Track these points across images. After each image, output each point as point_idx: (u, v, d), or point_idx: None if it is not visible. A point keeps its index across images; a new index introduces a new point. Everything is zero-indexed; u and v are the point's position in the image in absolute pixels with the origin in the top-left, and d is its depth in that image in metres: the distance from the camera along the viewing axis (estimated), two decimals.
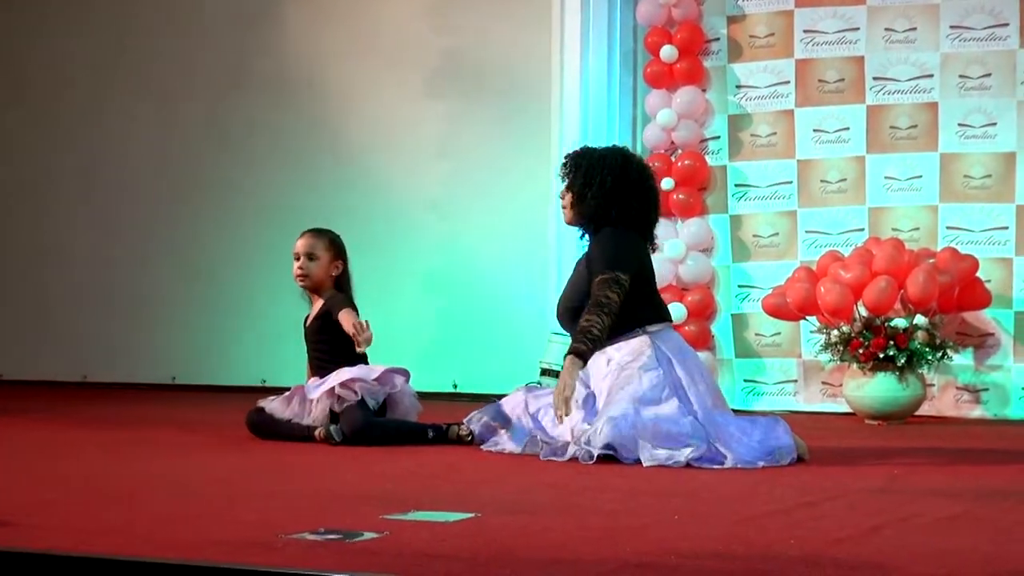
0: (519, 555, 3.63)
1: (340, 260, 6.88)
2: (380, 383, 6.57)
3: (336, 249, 6.89)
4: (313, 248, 6.84)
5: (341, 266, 6.88)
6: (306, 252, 6.84)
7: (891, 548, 3.79)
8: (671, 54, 8.70)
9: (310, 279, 6.83)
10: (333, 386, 6.51)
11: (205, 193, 10.22)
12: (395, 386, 6.61)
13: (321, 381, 6.60)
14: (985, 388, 8.18)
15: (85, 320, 10.50)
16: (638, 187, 6.14)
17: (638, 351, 5.94)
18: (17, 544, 3.68)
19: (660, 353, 5.94)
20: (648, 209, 6.19)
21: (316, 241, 6.87)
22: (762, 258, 8.68)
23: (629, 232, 6.11)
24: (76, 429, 7.36)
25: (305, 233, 6.92)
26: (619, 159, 6.18)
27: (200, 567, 3.46)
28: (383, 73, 9.81)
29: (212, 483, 5.15)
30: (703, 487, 5.05)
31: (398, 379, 6.64)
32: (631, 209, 6.10)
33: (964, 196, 8.29)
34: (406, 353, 7.33)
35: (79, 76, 10.59)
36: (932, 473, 5.61)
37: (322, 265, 6.83)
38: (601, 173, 6.10)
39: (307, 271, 6.82)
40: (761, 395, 8.62)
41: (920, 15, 8.38)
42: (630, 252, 6.05)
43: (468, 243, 9.50)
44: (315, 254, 6.83)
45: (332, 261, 6.86)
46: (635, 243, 6.11)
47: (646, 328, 6.00)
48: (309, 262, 6.82)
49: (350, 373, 6.56)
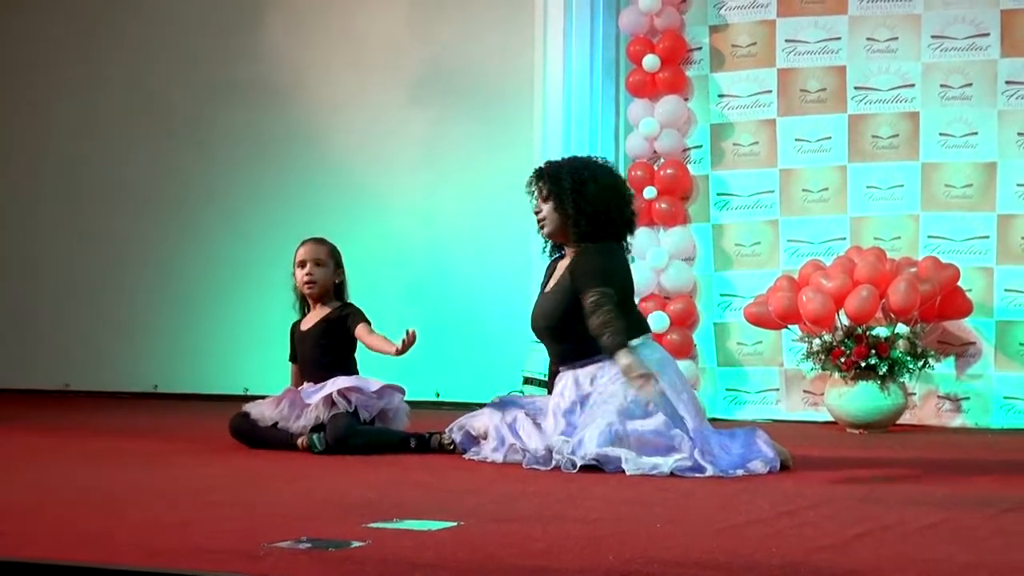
0: (502, 563, 3.63)
1: (341, 269, 6.93)
2: (378, 396, 6.57)
3: (338, 258, 6.94)
4: (319, 255, 6.87)
5: (342, 275, 6.92)
6: (314, 259, 6.85)
7: (872, 556, 3.80)
8: (653, 63, 8.71)
9: (318, 285, 6.84)
10: (331, 393, 6.50)
11: (187, 201, 10.22)
12: (391, 403, 6.62)
13: (319, 386, 6.60)
14: (966, 397, 8.20)
15: (67, 329, 10.48)
16: (619, 192, 6.18)
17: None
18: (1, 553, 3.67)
19: None
20: (631, 215, 6.21)
21: (321, 248, 6.90)
22: (744, 267, 8.70)
23: (619, 249, 6.15)
24: (58, 437, 7.35)
25: (308, 241, 6.93)
26: (593, 165, 6.20)
27: (183, 575, 3.46)
28: (366, 81, 9.82)
29: (194, 492, 5.14)
30: (685, 496, 5.05)
31: (396, 397, 6.65)
32: (614, 214, 6.11)
33: (945, 205, 8.31)
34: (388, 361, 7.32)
35: (61, 85, 10.57)
36: (913, 482, 5.62)
37: (328, 272, 6.86)
38: (582, 178, 6.09)
39: (316, 277, 6.83)
40: (743, 404, 8.63)
41: (902, 25, 8.41)
42: (617, 272, 6.06)
43: (451, 251, 9.51)
44: (323, 261, 6.86)
45: (335, 269, 6.90)
46: (622, 263, 6.14)
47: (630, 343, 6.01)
48: (317, 268, 6.84)
49: (348, 382, 6.56)
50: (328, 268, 6.86)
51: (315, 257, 6.86)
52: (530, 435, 6.00)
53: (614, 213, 6.12)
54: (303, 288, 6.88)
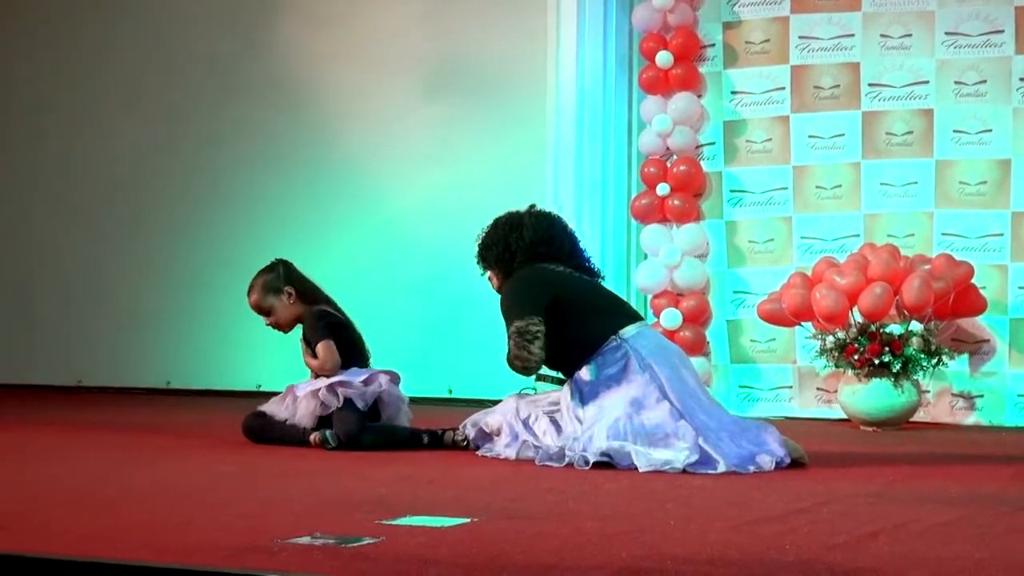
0: (515, 560, 3.63)
1: (288, 286, 6.80)
2: (366, 384, 6.56)
3: (274, 285, 6.81)
4: (260, 303, 6.81)
5: (293, 291, 6.80)
6: (258, 310, 6.83)
7: (886, 554, 3.79)
8: (667, 60, 8.69)
9: (285, 324, 6.84)
10: (319, 388, 6.51)
11: (199, 197, 10.21)
12: (380, 385, 6.59)
13: (310, 381, 6.62)
14: (980, 395, 8.18)
15: (79, 325, 10.48)
16: (530, 228, 6.32)
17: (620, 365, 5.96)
18: (12, 548, 3.68)
19: (639, 359, 5.95)
20: (545, 238, 6.31)
21: (257, 295, 6.82)
22: (757, 264, 8.68)
23: (528, 271, 6.23)
24: (70, 434, 7.35)
25: (247, 292, 6.86)
26: (509, 220, 6.40)
27: (196, 571, 3.46)
28: (378, 78, 9.80)
29: (207, 488, 5.15)
30: (698, 492, 5.05)
31: (383, 378, 6.62)
32: (523, 248, 6.26)
33: (959, 202, 8.29)
34: (401, 358, 7.31)
35: (72, 79, 10.56)
36: (927, 479, 5.62)
37: (280, 307, 6.78)
38: (491, 239, 6.40)
39: (275, 323, 6.84)
40: (756, 401, 8.61)
41: (915, 22, 8.39)
42: (527, 295, 6.11)
43: (463, 248, 9.43)
44: (265, 306, 6.80)
45: (280, 295, 6.79)
46: (534, 283, 6.17)
47: (620, 335, 6.02)
48: (269, 317, 6.83)
49: (337, 377, 6.56)
50: (276, 305, 6.78)
51: (258, 308, 6.82)
52: (544, 431, 6.01)
53: (531, 249, 6.26)
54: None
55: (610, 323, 6.09)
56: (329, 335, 6.66)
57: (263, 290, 6.82)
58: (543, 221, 6.39)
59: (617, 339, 6.01)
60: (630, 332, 6.05)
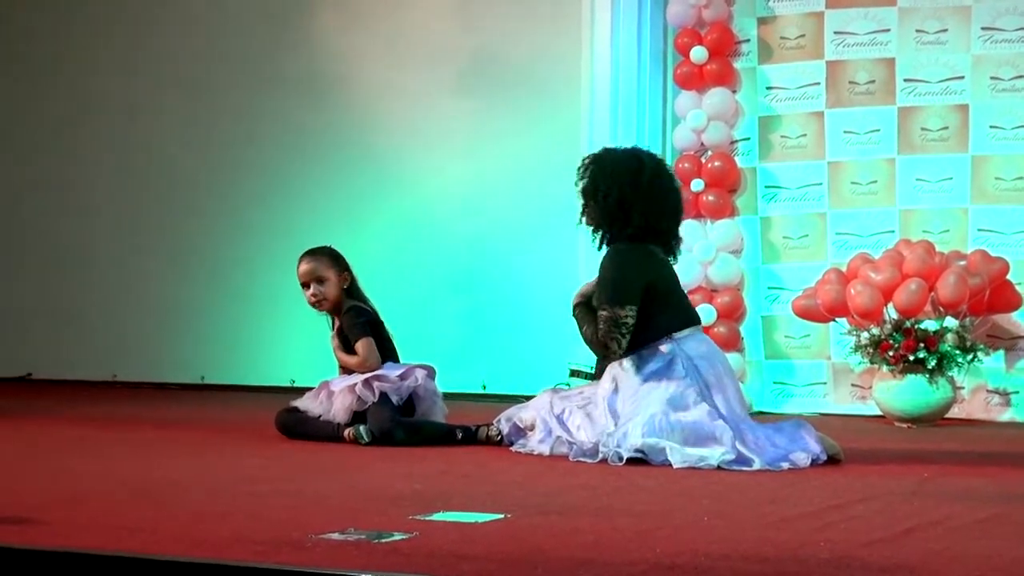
0: (549, 556, 3.63)
1: (346, 272, 6.76)
2: (402, 379, 6.56)
3: (339, 263, 6.77)
4: (318, 271, 6.70)
5: (349, 277, 6.75)
6: (314, 277, 6.70)
7: (922, 551, 3.78)
8: (701, 55, 8.68)
9: (328, 302, 6.72)
10: (355, 383, 6.50)
11: (234, 192, 10.23)
12: (416, 380, 6.58)
13: (346, 377, 6.62)
14: (1015, 391, 8.14)
15: (115, 320, 10.52)
16: (647, 198, 6.06)
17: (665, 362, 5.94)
18: (48, 542, 3.69)
19: (685, 360, 5.93)
20: (659, 218, 6.10)
21: (318, 263, 6.73)
22: (792, 260, 8.66)
23: (635, 250, 6.06)
24: (106, 428, 7.38)
25: (303, 258, 6.77)
26: (631, 169, 6.11)
27: (229, 566, 3.46)
28: (412, 72, 9.81)
29: (241, 482, 5.16)
30: (733, 489, 5.04)
31: (419, 372, 6.61)
32: (637, 222, 6.04)
33: (995, 198, 8.26)
34: (435, 353, 7.31)
35: (107, 75, 10.60)
36: (962, 476, 5.59)
37: (333, 284, 6.70)
38: (607, 183, 6.06)
39: (322, 295, 6.70)
40: (791, 397, 8.59)
41: (951, 16, 8.36)
42: (632, 280, 5.98)
43: (497, 243, 9.49)
44: (323, 276, 6.70)
45: (339, 275, 6.73)
46: (639, 265, 6.03)
47: (672, 336, 5.99)
48: (320, 286, 6.70)
49: (373, 372, 6.56)
50: (331, 280, 6.70)
51: (315, 275, 6.69)
52: (579, 427, 5.99)
53: (640, 225, 6.04)
54: (314, 308, 6.78)
55: (672, 322, 6.04)
56: (368, 332, 6.66)
57: (330, 258, 6.75)
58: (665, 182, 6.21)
59: (669, 338, 5.98)
60: (683, 333, 6.02)
